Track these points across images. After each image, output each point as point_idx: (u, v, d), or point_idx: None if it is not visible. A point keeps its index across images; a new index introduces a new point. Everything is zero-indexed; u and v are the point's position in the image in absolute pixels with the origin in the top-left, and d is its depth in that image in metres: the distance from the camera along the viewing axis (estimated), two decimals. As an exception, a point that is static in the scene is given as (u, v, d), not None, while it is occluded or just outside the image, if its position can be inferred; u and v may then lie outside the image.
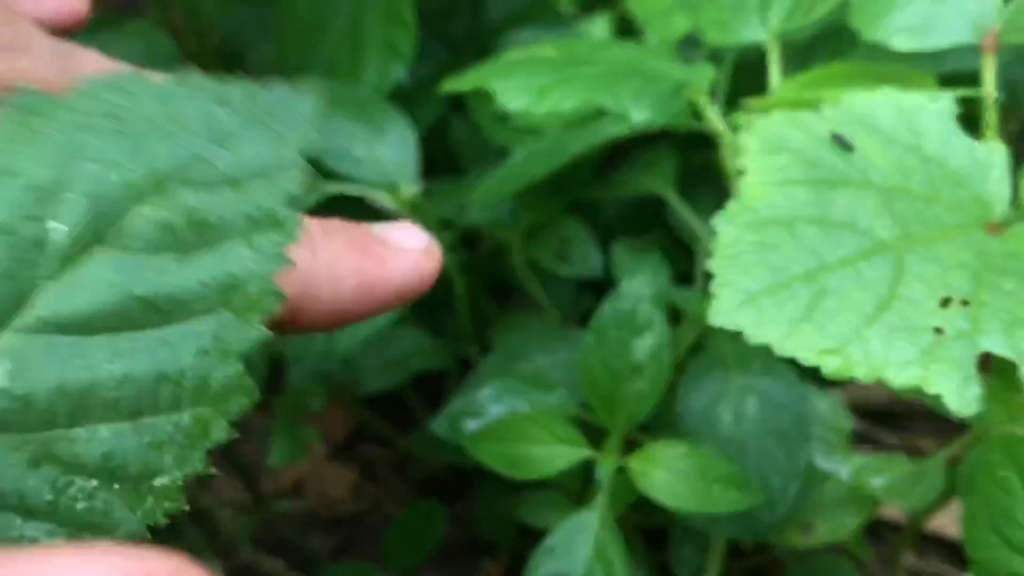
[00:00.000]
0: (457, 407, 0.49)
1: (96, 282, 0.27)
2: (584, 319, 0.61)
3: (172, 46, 0.61)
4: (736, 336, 0.51)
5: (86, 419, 0.27)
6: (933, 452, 0.47)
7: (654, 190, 0.55)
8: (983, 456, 0.39)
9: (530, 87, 0.42)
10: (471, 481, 0.65)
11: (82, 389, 0.27)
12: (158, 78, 0.29)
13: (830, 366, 0.32)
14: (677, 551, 0.52)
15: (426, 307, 0.58)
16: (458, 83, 0.44)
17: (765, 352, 0.48)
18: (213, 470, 0.28)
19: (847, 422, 0.49)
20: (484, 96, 0.54)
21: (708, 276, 0.33)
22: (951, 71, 0.46)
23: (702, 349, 0.49)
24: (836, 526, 0.48)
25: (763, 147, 0.36)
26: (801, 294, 0.33)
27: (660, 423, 0.48)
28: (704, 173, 0.60)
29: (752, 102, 0.44)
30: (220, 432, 0.27)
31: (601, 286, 0.62)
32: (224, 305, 0.28)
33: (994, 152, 0.37)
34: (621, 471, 0.44)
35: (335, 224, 0.34)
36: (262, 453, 0.62)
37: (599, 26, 0.57)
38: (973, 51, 0.42)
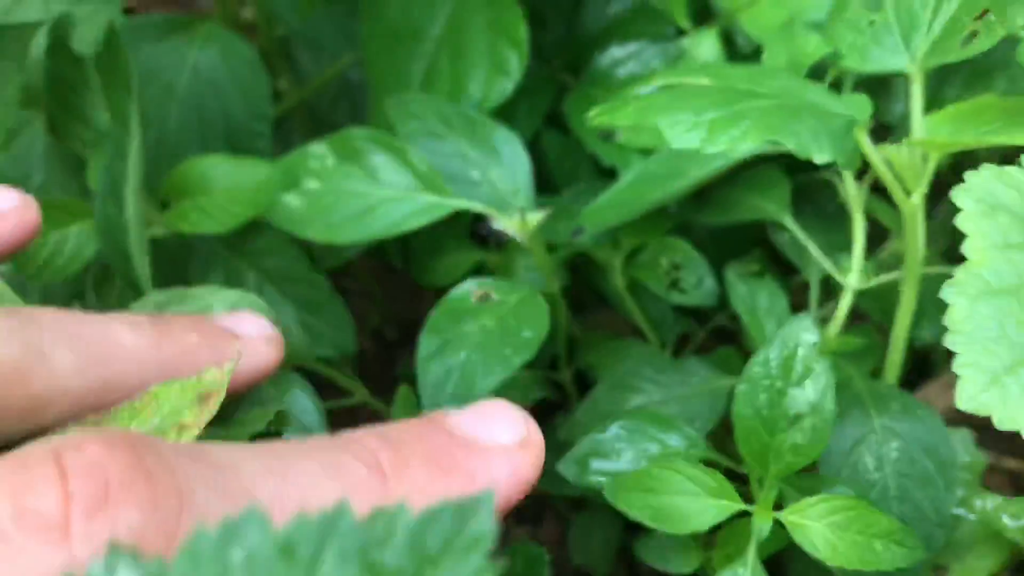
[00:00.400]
0: (584, 449, 0.47)
1: None
2: (682, 343, 0.59)
3: (250, 50, 0.57)
4: (871, 374, 0.50)
5: None
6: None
7: (768, 213, 0.53)
8: None
9: (700, 123, 0.39)
10: (551, 507, 0.64)
11: None
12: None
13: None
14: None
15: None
16: (612, 116, 0.42)
17: (901, 393, 0.47)
18: None
19: (980, 458, 0.48)
20: (584, 108, 0.52)
21: (947, 353, 0.32)
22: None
23: (836, 387, 0.48)
24: (970, 569, 0.47)
25: (979, 207, 0.34)
26: (1042, 372, 0.32)
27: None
28: (807, 193, 0.58)
29: (910, 143, 0.43)
30: None
31: (698, 310, 0.60)
32: None
33: None
34: (775, 525, 0.43)
35: (188, 319, 0.36)
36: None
37: (707, 42, 0.54)
38: None
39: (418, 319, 0.74)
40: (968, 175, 0.35)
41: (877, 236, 0.62)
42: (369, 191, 0.49)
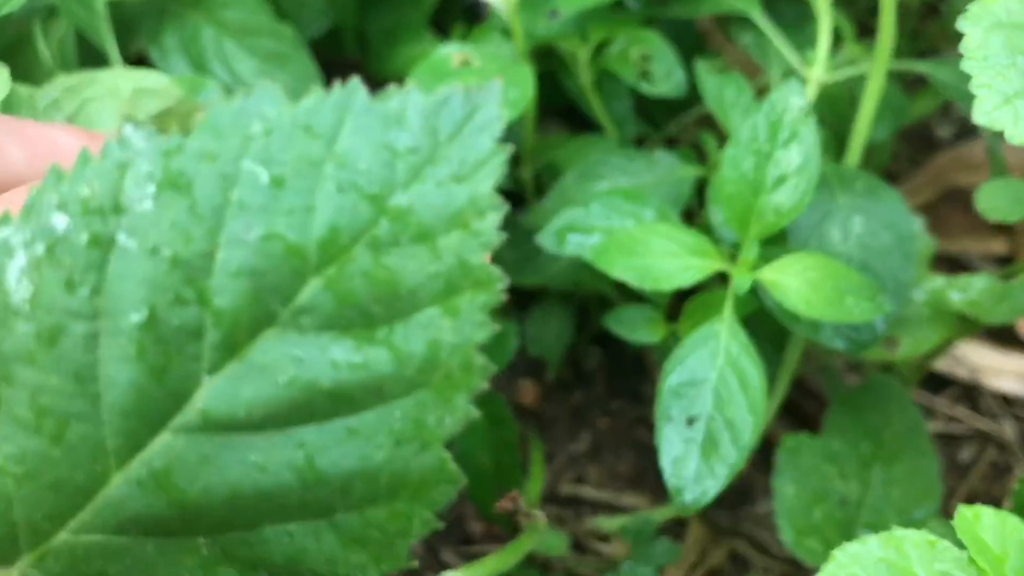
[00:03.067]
0: (563, 222, 0.47)
1: (266, 370, 0.22)
2: (639, 142, 0.60)
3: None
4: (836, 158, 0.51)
5: (266, 520, 0.23)
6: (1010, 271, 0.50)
7: (738, 7, 0.53)
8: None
9: None
10: (508, 301, 0.64)
11: (260, 490, 0.23)
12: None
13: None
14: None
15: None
16: None
17: (864, 174, 0.49)
18: (415, 563, 0.24)
19: (929, 244, 0.51)
20: None
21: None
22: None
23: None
24: (919, 341, 0.50)
25: (989, -49, 0.36)
26: (1046, 98, 0.33)
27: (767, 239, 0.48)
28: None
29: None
30: (423, 525, 0.24)
31: (655, 115, 0.60)
32: (422, 385, 0.23)
33: None
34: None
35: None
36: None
37: None
38: None
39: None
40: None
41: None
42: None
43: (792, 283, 0.43)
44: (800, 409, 0.65)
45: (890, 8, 0.47)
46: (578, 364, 0.63)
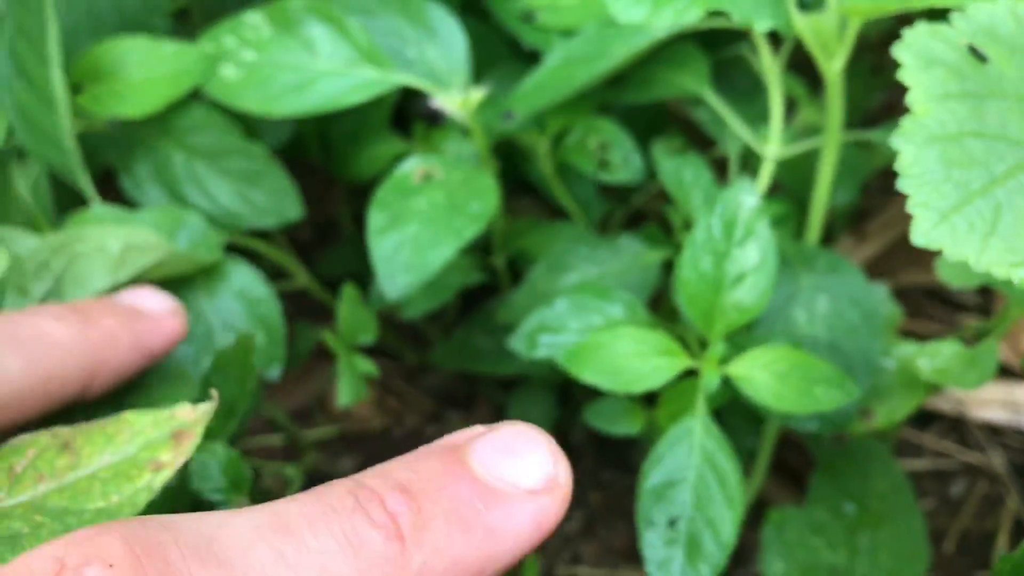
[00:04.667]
0: (533, 324, 0.48)
1: None
2: (603, 226, 0.61)
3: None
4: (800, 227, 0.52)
5: None
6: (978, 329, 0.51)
7: (689, 89, 0.54)
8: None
9: (645, -3, 0.40)
10: (483, 389, 0.65)
11: None
12: None
13: (1019, 277, 0.34)
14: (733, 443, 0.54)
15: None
16: (555, -9, 0.42)
17: (825, 251, 0.50)
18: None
19: (897, 311, 0.52)
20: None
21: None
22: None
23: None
24: (892, 410, 0.51)
25: (918, 62, 0.36)
26: (984, 209, 0.34)
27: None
28: (722, 71, 0.60)
29: (832, 9, 0.45)
30: None
31: (621, 190, 0.61)
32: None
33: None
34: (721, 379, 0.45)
35: (102, 304, 0.40)
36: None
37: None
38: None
39: (329, 221, 0.74)
40: (905, 32, 0.37)
41: (787, 112, 0.65)
42: (308, 63, 0.48)
43: (760, 376, 0.44)
44: (786, 463, 0.65)
45: (835, 85, 0.48)
46: (565, 439, 0.64)
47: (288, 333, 0.49)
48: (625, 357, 0.45)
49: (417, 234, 0.46)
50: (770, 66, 0.53)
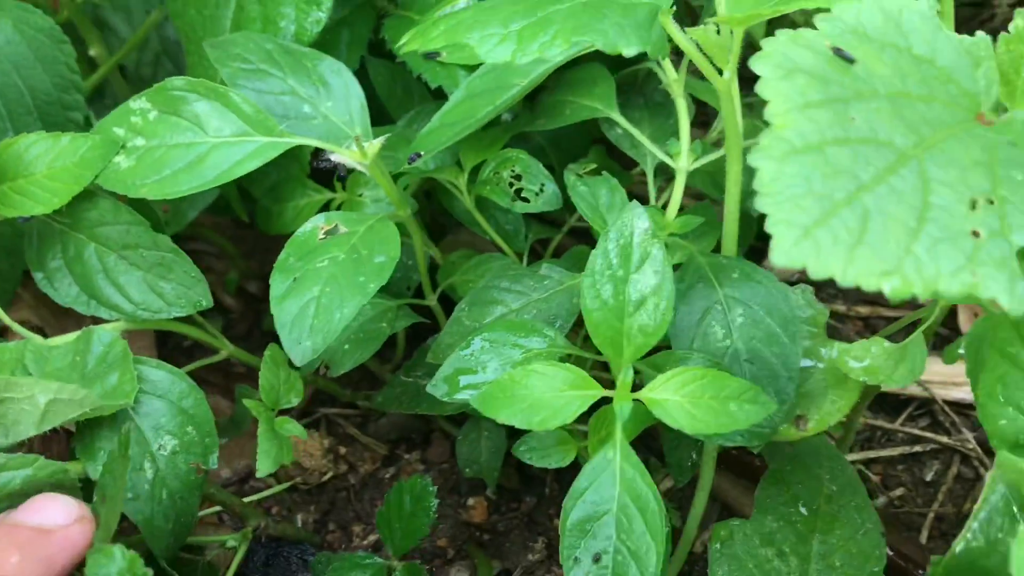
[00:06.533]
0: (451, 367, 0.48)
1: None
2: (533, 250, 0.61)
3: (45, 19, 0.55)
4: (715, 248, 0.51)
5: None
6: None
7: (599, 111, 0.54)
8: (988, 333, 0.41)
9: (509, 35, 0.39)
10: (437, 428, 0.65)
11: None
12: None
13: (890, 287, 0.33)
14: (673, 458, 0.54)
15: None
16: (424, 40, 0.42)
17: (740, 262, 0.49)
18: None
19: (822, 310, 0.51)
20: (404, 32, 0.52)
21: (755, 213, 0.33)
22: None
23: (680, 266, 0.50)
24: (826, 413, 0.50)
25: (777, 72, 0.36)
26: (850, 219, 0.33)
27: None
28: (634, 85, 0.59)
29: (714, 20, 0.44)
30: None
31: (553, 214, 0.61)
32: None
33: (980, 45, 0.38)
34: (636, 404, 0.45)
35: (7, 539, 0.40)
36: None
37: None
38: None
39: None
40: (764, 42, 0.37)
41: (710, 115, 0.64)
42: (197, 140, 0.48)
43: (673, 400, 0.44)
44: (739, 460, 0.64)
45: (727, 95, 0.47)
46: (523, 469, 0.63)
47: (228, 403, 0.49)
48: (539, 393, 0.44)
49: (320, 295, 0.45)
50: (673, 78, 0.53)
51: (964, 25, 0.85)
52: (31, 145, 0.48)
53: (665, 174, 0.57)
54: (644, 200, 0.55)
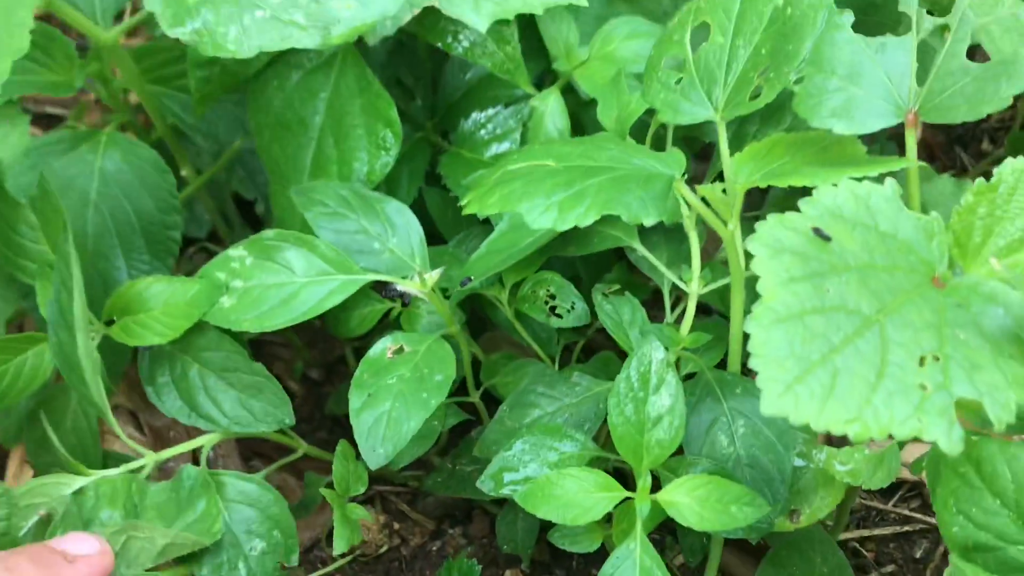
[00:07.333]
0: (496, 466, 0.57)
1: None
2: (566, 353, 0.70)
3: (149, 151, 0.64)
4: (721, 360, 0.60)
5: None
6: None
7: (622, 240, 0.63)
8: (943, 454, 0.50)
9: (551, 206, 0.49)
10: (478, 506, 0.73)
11: None
12: None
13: (853, 432, 0.41)
14: (686, 541, 0.62)
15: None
16: (482, 206, 0.51)
17: (742, 379, 0.58)
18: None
19: (812, 422, 0.60)
20: (457, 168, 0.62)
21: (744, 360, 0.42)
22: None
23: (691, 376, 0.58)
24: (816, 508, 0.59)
25: (767, 251, 0.45)
26: (823, 377, 0.42)
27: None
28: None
29: (721, 184, 0.53)
30: None
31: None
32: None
33: (933, 222, 0.47)
34: (653, 504, 0.53)
35: (18, 553, 0.48)
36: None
37: (552, 100, 0.63)
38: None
39: (335, 360, 0.83)
40: (758, 225, 0.46)
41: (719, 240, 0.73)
42: (289, 280, 0.58)
43: (684, 501, 0.52)
44: (745, 541, 0.72)
45: (731, 241, 0.56)
46: (554, 546, 0.72)
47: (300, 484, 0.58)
48: (572, 493, 0.53)
49: (391, 409, 0.55)
50: (687, 214, 0.62)
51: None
52: (150, 285, 0.58)
53: (679, 289, 0.66)
54: (661, 309, 0.64)
